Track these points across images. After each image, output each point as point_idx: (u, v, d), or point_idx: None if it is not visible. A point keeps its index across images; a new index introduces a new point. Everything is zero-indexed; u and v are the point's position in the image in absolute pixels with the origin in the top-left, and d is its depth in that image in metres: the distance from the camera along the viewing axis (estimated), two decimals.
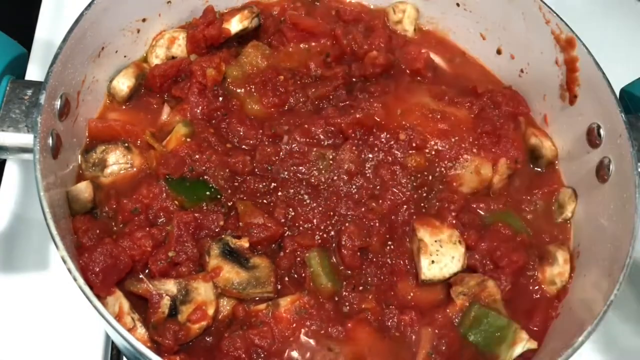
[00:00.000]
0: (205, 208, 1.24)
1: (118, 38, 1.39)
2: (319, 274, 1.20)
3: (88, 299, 1.00)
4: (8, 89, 1.18)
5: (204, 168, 1.27)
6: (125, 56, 1.43)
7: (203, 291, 1.14)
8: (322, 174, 1.30)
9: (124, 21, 1.39)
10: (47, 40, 1.66)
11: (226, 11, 1.53)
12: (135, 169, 1.29)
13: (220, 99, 1.38)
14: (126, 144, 1.30)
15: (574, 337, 1.07)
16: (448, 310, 1.21)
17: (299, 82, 1.41)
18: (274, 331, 1.14)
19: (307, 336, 1.15)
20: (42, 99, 1.12)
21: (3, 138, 1.15)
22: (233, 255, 1.17)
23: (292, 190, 1.28)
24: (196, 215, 1.21)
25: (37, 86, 1.17)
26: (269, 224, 1.22)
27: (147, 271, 1.18)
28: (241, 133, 1.34)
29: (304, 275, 1.21)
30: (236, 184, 1.28)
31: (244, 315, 1.16)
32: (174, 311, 1.12)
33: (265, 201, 1.27)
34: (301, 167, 1.30)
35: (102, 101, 1.38)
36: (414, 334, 1.19)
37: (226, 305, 1.17)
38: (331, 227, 1.26)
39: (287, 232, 1.24)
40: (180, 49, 1.45)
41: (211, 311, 1.13)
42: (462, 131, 1.37)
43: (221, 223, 1.22)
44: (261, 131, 1.34)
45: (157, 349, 1.10)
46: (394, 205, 1.29)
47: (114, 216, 1.24)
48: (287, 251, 1.21)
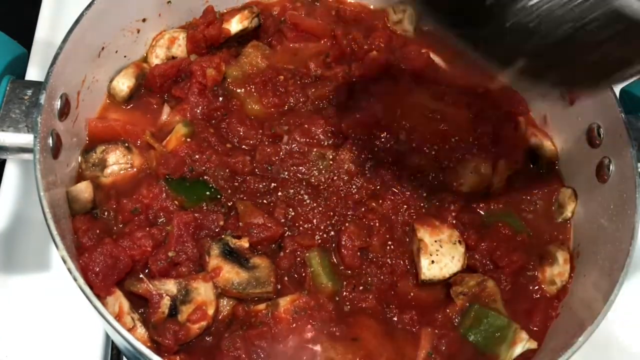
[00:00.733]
0: (205, 208, 1.24)
1: (118, 38, 1.39)
2: (319, 273, 1.20)
3: (88, 299, 1.00)
4: (8, 89, 1.18)
5: (203, 168, 1.27)
6: (125, 56, 1.42)
7: (203, 291, 1.14)
8: (322, 174, 1.30)
9: (124, 21, 1.39)
10: (47, 40, 1.66)
11: (226, 11, 1.52)
12: (135, 169, 1.30)
13: (220, 99, 1.38)
14: (126, 144, 1.30)
15: (574, 337, 1.07)
16: (448, 310, 1.21)
17: (299, 82, 1.41)
18: (274, 331, 1.14)
19: (307, 336, 1.15)
20: (42, 99, 1.12)
21: (3, 138, 1.14)
22: (233, 255, 1.17)
23: (292, 190, 1.28)
24: (196, 215, 1.21)
25: (37, 86, 1.16)
26: (269, 224, 1.22)
27: (147, 271, 1.18)
28: (241, 133, 1.34)
29: (304, 275, 1.21)
30: (236, 184, 1.28)
31: (244, 316, 1.16)
32: (174, 311, 1.11)
33: (265, 201, 1.27)
34: (301, 167, 1.30)
35: (102, 101, 1.38)
36: (414, 334, 1.19)
37: (226, 306, 1.17)
38: (331, 227, 1.26)
39: (287, 232, 1.24)
40: (180, 49, 1.45)
41: (211, 311, 1.13)
42: (461, 131, 1.37)
43: (221, 223, 1.22)
44: (261, 131, 1.34)
45: (157, 348, 1.10)
46: (394, 205, 1.29)
47: (114, 216, 1.24)
48: (287, 251, 1.21)
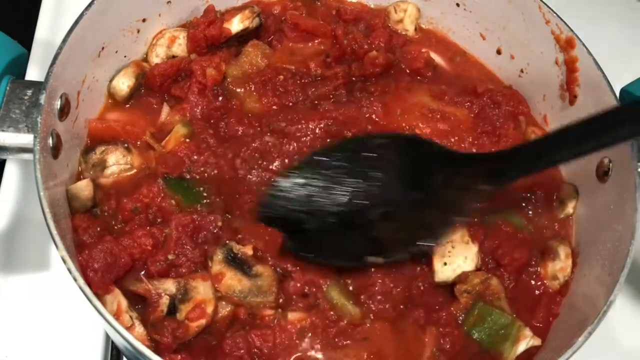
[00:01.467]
0: (202, 209, 1.23)
1: (118, 38, 1.39)
2: (345, 303, 1.17)
3: (88, 299, 0.99)
4: (8, 89, 1.18)
5: (202, 169, 1.27)
6: (125, 56, 1.42)
7: (202, 290, 1.13)
8: None
9: (124, 21, 1.39)
10: (47, 40, 1.66)
11: (226, 10, 1.52)
12: (135, 169, 1.29)
13: (220, 98, 1.37)
14: (126, 145, 1.30)
15: (576, 336, 1.07)
16: (452, 309, 1.21)
17: (299, 81, 1.41)
18: (277, 337, 1.13)
19: (312, 347, 1.15)
20: (42, 99, 1.12)
21: (3, 138, 1.14)
22: (236, 262, 1.17)
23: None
24: (194, 217, 1.20)
25: (37, 86, 1.16)
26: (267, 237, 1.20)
27: (143, 273, 1.17)
28: (240, 132, 1.33)
29: (318, 301, 1.18)
30: (234, 185, 1.27)
31: (247, 318, 1.15)
32: (172, 310, 1.11)
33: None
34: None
35: (102, 101, 1.38)
36: (421, 332, 1.19)
37: (226, 306, 1.16)
38: None
39: (297, 268, 1.20)
40: (180, 48, 1.45)
41: (210, 309, 1.13)
42: (462, 131, 1.37)
43: (219, 224, 1.21)
44: (259, 129, 1.33)
45: (155, 347, 1.10)
46: None
47: (114, 215, 1.24)
48: (298, 285, 1.18)
